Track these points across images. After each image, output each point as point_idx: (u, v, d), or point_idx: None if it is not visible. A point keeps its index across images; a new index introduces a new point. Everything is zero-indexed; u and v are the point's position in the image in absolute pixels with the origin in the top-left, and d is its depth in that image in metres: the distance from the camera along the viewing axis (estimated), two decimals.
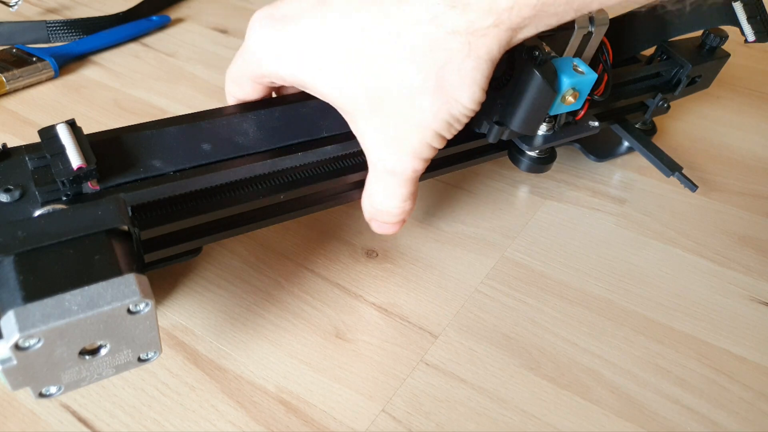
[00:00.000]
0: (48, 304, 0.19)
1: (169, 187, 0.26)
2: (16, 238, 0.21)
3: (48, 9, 0.60)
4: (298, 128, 0.30)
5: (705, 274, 0.36)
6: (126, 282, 0.20)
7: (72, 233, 0.21)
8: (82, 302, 0.20)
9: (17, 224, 0.21)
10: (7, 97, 0.46)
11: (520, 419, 0.28)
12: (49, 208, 0.23)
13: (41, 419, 0.27)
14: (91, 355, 0.21)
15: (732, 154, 0.46)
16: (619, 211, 0.40)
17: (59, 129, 0.25)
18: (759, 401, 0.30)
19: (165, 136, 0.28)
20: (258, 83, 0.29)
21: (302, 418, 0.27)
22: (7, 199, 0.24)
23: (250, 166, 0.28)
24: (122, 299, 0.20)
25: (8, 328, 0.19)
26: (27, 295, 0.19)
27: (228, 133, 0.29)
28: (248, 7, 0.62)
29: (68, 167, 0.24)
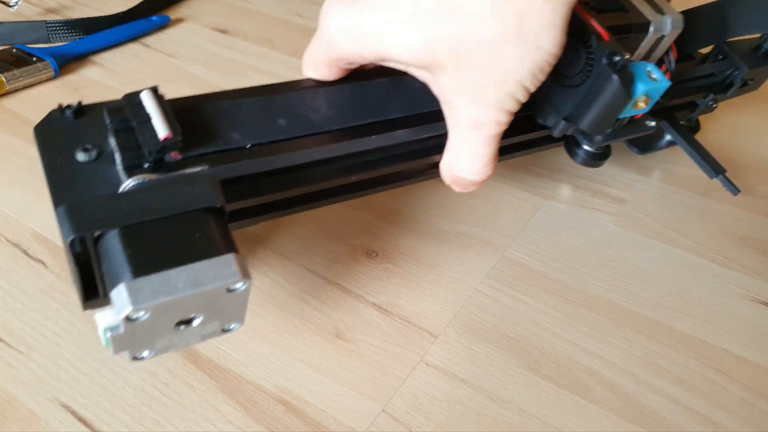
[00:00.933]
0: (155, 280, 0.20)
1: (250, 164, 0.26)
2: (121, 211, 0.21)
3: (48, 9, 0.60)
4: (367, 108, 0.30)
5: (705, 274, 0.36)
6: (227, 262, 0.21)
7: (172, 210, 0.22)
8: (187, 280, 0.20)
9: (121, 198, 0.22)
10: (7, 97, 0.46)
11: (520, 419, 0.28)
12: (140, 179, 0.23)
13: (41, 419, 0.27)
14: (185, 326, 0.22)
15: (732, 154, 0.46)
16: (619, 211, 0.40)
17: (144, 96, 0.25)
18: (759, 401, 0.30)
19: (242, 107, 0.28)
20: (335, 66, 0.29)
21: (302, 418, 0.27)
22: (84, 159, 0.24)
23: (327, 147, 0.28)
24: (224, 279, 0.21)
25: (120, 300, 0.20)
26: (136, 269, 0.20)
27: (302, 109, 0.29)
28: (248, 7, 0.62)
29: (155, 137, 0.24)
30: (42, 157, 0.24)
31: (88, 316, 0.31)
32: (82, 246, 0.21)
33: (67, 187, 0.23)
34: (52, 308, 0.31)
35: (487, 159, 0.29)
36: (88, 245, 0.21)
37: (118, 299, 0.20)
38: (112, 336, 0.20)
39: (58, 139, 0.25)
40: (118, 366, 0.29)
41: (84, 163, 0.24)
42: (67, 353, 0.29)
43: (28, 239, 0.35)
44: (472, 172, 0.29)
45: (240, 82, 0.51)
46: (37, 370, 0.28)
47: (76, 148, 0.24)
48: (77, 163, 0.24)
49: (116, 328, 0.20)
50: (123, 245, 0.20)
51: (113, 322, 0.20)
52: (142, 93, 0.26)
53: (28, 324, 0.30)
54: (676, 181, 0.42)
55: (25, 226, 0.36)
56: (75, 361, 0.29)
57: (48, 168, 0.24)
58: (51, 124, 0.25)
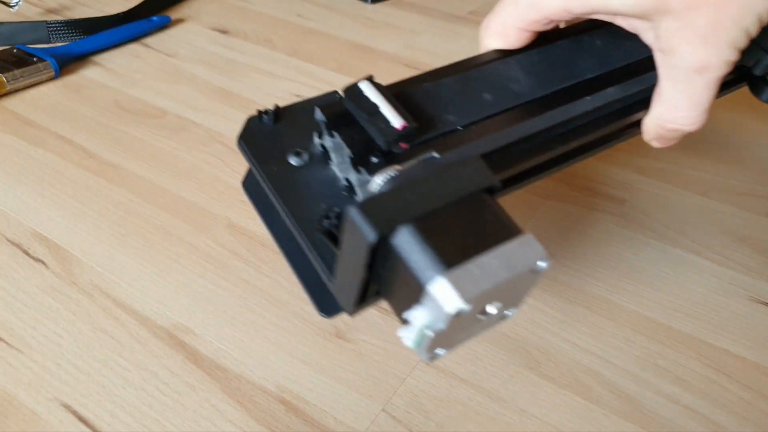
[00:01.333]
0: (471, 269, 0.19)
1: (478, 145, 0.25)
2: (407, 203, 0.20)
3: (48, 9, 0.60)
4: (562, 71, 0.29)
5: (705, 274, 0.36)
6: (529, 241, 0.20)
7: (454, 195, 0.20)
8: (501, 264, 0.19)
9: (400, 190, 0.20)
10: (7, 98, 0.46)
11: (520, 419, 0.28)
12: (392, 172, 0.22)
13: (42, 419, 0.27)
14: (483, 315, 0.20)
15: (732, 154, 0.46)
16: (618, 211, 0.40)
17: (365, 87, 0.24)
18: (759, 401, 0.30)
19: (444, 88, 0.27)
20: (528, 30, 0.28)
21: (302, 418, 0.27)
22: (299, 162, 0.24)
23: (547, 114, 0.27)
24: (534, 258, 0.20)
25: (443, 294, 0.18)
26: (448, 260, 0.19)
27: (501, 81, 0.28)
28: (248, 7, 0.62)
29: (390, 127, 0.23)
30: (257, 167, 0.24)
31: (88, 316, 0.31)
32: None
33: (296, 194, 0.23)
34: (53, 308, 0.31)
35: (707, 105, 0.27)
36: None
37: (441, 293, 0.18)
38: (433, 335, 0.19)
39: (265, 147, 0.24)
40: (119, 366, 0.29)
41: (300, 166, 0.24)
42: (68, 353, 0.29)
43: (28, 239, 0.35)
44: (689, 121, 0.28)
45: (240, 82, 0.51)
46: (38, 369, 0.28)
47: (287, 153, 0.24)
48: (293, 168, 0.24)
49: (436, 325, 0.19)
50: (422, 237, 0.19)
51: (434, 319, 0.19)
52: (361, 83, 0.24)
53: (29, 324, 0.30)
54: (676, 181, 0.42)
55: (25, 226, 0.36)
56: (75, 360, 0.29)
57: (267, 177, 0.23)
58: (253, 131, 0.25)
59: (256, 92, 0.50)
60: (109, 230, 0.36)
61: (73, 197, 0.38)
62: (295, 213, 0.23)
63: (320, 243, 0.23)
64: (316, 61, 0.54)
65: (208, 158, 0.42)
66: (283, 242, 0.27)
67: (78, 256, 0.34)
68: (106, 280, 0.33)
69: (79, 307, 0.31)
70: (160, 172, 0.40)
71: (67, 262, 0.34)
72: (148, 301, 0.32)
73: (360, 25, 0.61)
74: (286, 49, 0.56)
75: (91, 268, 0.33)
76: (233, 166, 0.42)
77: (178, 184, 0.39)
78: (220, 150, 0.43)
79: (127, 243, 0.35)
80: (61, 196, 0.38)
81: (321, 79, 0.52)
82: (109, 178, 0.39)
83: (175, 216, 0.37)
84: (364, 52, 0.57)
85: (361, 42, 0.59)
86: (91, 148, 0.42)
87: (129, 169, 0.40)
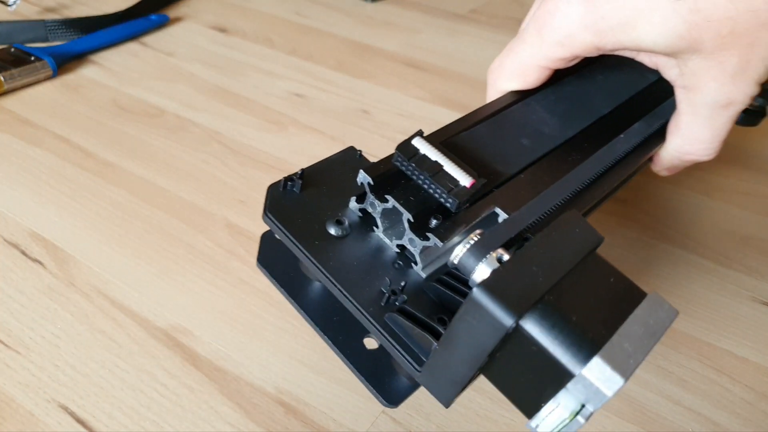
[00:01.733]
0: (620, 343, 0.17)
1: (539, 201, 0.23)
2: (534, 277, 0.18)
3: (46, 8, 0.59)
4: (578, 108, 0.29)
5: (706, 275, 0.36)
6: (658, 300, 0.19)
7: (573, 260, 0.19)
8: (644, 332, 0.18)
9: (521, 261, 0.18)
10: (5, 97, 0.46)
11: (521, 420, 0.28)
12: (475, 237, 0.19)
13: (40, 420, 0.26)
14: None
15: (733, 154, 0.46)
16: (620, 211, 0.40)
17: (419, 144, 0.22)
18: (761, 402, 0.30)
19: (481, 136, 0.25)
20: (551, 68, 0.28)
21: (302, 420, 0.27)
22: (340, 232, 0.22)
23: (595, 158, 0.26)
24: (668, 319, 0.19)
25: (600, 377, 0.17)
26: (593, 338, 0.17)
27: (530, 124, 0.27)
28: (247, 5, 0.62)
29: (460, 186, 0.21)
30: (295, 242, 0.22)
31: (85, 317, 0.31)
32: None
33: (348, 270, 0.21)
34: (51, 309, 0.31)
35: (724, 136, 0.28)
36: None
37: (598, 376, 0.17)
38: (586, 421, 0.18)
39: (297, 217, 0.22)
40: (117, 367, 0.29)
41: (341, 237, 0.22)
42: (66, 354, 0.29)
43: (26, 239, 0.35)
44: (709, 152, 0.29)
45: (239, 80, 0.51)
46: (35, 371, 0.28)
47: (325, 223, 0.22)
48: (335, 239, 0.22)
49: (589, 410, 0.17)
50: (559, 315, 0.18)
51: (590, 403, 0.17)
52: (416, 141, 0.22)
53: (26, 325, 0.30)
54: (678, 181, 0.42)
55: (23, 227, 0.35)
56: (73, 361, 0.29)
57: (312, 254, 0.21)
58: (279, 201, 0.23)
59: (255, 91, 0.49)
60: (107, 230, 0.36)
61: (70, 197, 0.38)
62: (354, 293, 0.21)
63: (392, 325, 0.21)
64: (315, 60, 0.54)
65: (207, 158, 0.42)
66: (323, 323, 0.25)
67: (76, 256, 0.34)
68: (104, 281, 0.33)
69: (77, 308, 0.31)
70: (158, 172, 0.40)
71: (65, 262, 0.33)
72: (146, 301, 0.32)
73: (360, 24, 0.61)
74: (286, 48, 0.56)
75: (89, 269, 0.33)
76: (232, 166, 0.41)
77: (177, 184, 0.39)
78: (218, 149, 0.43)
79: (125, 243, 0.35)
80: (58, 196, 0.38)
81: (321, 78, 0.52)
82: (106, 178, 0.39)
83: (174, 216, 0.37)
84: (364, 51, 0.57)
85: (361, 40, 0.58)
86: (89, 148, 0.42)
87: (127, 168, 0.40)
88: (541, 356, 0.18)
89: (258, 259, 0.26)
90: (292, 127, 0.46)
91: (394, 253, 0.23)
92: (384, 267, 0.22)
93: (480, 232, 0.20)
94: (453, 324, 0.18)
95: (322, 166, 0.25)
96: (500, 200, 0.23)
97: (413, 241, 0.22)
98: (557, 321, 0.18)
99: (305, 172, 0.24)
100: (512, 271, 0.18)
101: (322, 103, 0.48)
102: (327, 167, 0.25)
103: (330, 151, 0.35)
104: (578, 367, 0.17)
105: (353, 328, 0.25)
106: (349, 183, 0.24)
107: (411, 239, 0.22)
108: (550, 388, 0.18)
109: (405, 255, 0.23)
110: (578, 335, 0.17)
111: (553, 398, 0.18)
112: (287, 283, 0.26)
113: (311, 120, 0.46)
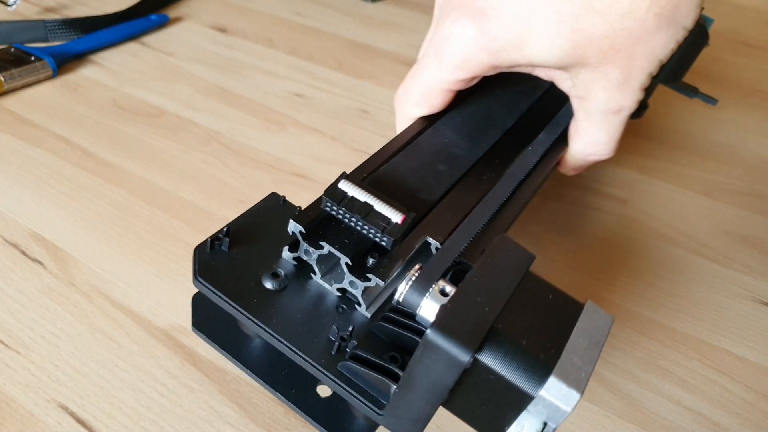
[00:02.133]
0: (570, 359, 0.18)
1: (466, 227, 0.23)
2: (479, 308, 0.18)
3: (46, 8, 0.59)
4: (484, 126, 0.30)
5: (706, 275, 0.36)
6: (594, 309, 0.20)
7: (512, 284, 0.19)
8: (588, 343, 0.19)
9: (465, 294, 0.19)
10: (5, 97, 0.46)
11: None
12: (415, 273, 0.20)
13: (40, 420, 0.26)
14: None
15: (734, 154, 0.46)
16: (620, 211, 0.40)
17: (345, 186, 0.22)
18: (761, 402, 0.30)
19: (399, 168, 0.26)
20: (451, 89, 0.30)
21: (301, 420, 0.27)
22: (276, 286, 0.22)
23: (509, 173, 0.27)
24: (606, 326, 0.19)
25: (558, 396, 0.18)
26: (546, 359, 0.18)
27: (443, 149, 0.28)
28: (247, 5, 0.62)
29: (393, 224, 0.21)
30: (231, 303, 0.21)
31: (85, 317, 0.31)
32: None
33: (291, 323, 0.21)
34: (50, 309, 0.31)
35: (619, 137, 0.31)
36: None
37: (556, 395, 0.18)
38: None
39: (230, 277, 0.22)
40: (117, 367, 0.29)
41: (279, 290, 0.22)
42: (66, 354, 0.29)
43: (26, 239, 0.35)
44: (608, 152, 0.32)
45: (239, 81, 0.51)
46: (35, 371, 0.28)
47: (260, 278, 0.22)
48: (273, 293, 0.22)
49: (551, 427, 0.18)
50: (510, 342, 0.18)
51: (551, 421, 0.18)
52: (342, 183, 0.22)
53: (26, 324, 0.30)
54: (678, 181, 0.42)
55: (23, 226, 0.35)
56: (73, 361, 0.29)
57: (252, 313, 0.21)
58: (208, 263, 0.22)
59: (255, 91, 0.49)
60: (107, 230, 0.36)
61: (70, 197, 0.38)
62: (302, 348, 0.21)
63: (346, 373, 0.20)
64: (315, 60, 0.54)
65: (207, 158, 0.42)
66: (271, 379, 0.25)
67: (76, 256, 0.34)
68: (104, 281, 0.33)
69: (77, 308, 0.31)
70: (158, 172, 0.40)
71: (65, 262, 0.33)
72: (146, 301, 0.32)
73: (360, 24, 0.61)
74: (286, 48, 0.56)
75: (89, 269, 0.33)
76: (232, 166, 0.41)
77: (177, 184, 0.39)
78: (218, 149, 0.43)
79: (125, 243, 0.35)
80: (58, 196, 0.38)
81: (320, 78, 0.52)
82: (106, 178, 0.39)
83: (174, 216, 0.37)
84: (364, 51, 0.57)
85: (361, 40, 0.58)
86: (89, 148, 0.42)
87: (127, 168, 0.40)
88: (499, 384, 0.18)
89: (193, 324, 0.25)
90: (292, 127, 0.46)
91: (336, 297, 0.23)
92: (327, 313, 0.22)
93: (419, 267, 0.20)
94: (411, 367, 0.19)
95: (247, 219, 0.24)
96: (429, 229, 0.23)
97: (354, 284, 0.22)
98: (509, 348, 0.18)
99: (231, 228, 0.23)
100: (459, 306, 0.18)
101: (322, 103, 0.48)
102: (252, 218, 0.24)
103: (330, 150, 0.36)
104: (536, 389, 0.18)
105: (303, 379, 0.25)
106: (278, 232, 0.24)
107: (352, 282, 0.22)
108: (511, 412, 0.19)
109: (347, 297, 0.23)
110: (531, 358, 0.18)
111: (515, 421, 0.18)
112: (227, 344, 0.25)
113: (311, 120, 0.46)
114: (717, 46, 0.62)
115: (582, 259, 0.36)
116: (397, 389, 0.20)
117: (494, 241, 0.21)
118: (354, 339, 0.21)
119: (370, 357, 0.20)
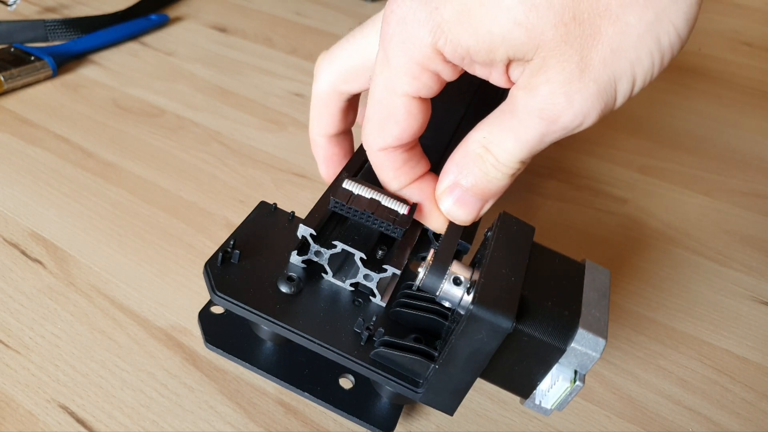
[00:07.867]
0: (589, 311, 0.20)
1: None
2: (507, 279, 0.20)
3: (46, 8, 0.59)
4: (442, 118, 0.29)
5: (707, 274, 0.36)
6: (594, 266, 0.22)
7: (525, 255, 0.21)
8: (599, 295, 0.21)
9: (490, 270, 0.20)
10: (5, 97, 0.46)
11: (521, 420, 0.28)
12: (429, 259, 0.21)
13: (39, 420, 0.26)
14: None
15: (734, 154, 0.46)
16: (620, 211, 0.40)
17: (350, 185, 0.23)
18: (761, 402, 0.30)
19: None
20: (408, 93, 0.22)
21: (301, 420, 0.27)
22: (292, 290, 0.23)
23: None
24: (606, 278, 0.22)
25: (588, 344, 0.20)
26: (572, 314, 0.20)
27: None
28: (247, 5, 0.62)
29: (401, 215, 0.22)
30: (254, 311, 0.22)
31: (85, 317, 0.31)
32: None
33: (316, 324, 0.22)
34: (50, 309, 0.31)
35: (532, 153, 0.22)
36: None
37: (586, 344, 0.20)
38: (583, 384, 0.21)
39: (246, 287, 0.23)
40: (117, 367, 0.29)
41: (295, 293, 0.23)
42: (66, 354, 0.29)
43: (26, 239, 0.35)
44: (509, 166, 0.22)
45: (239, 80, 0.51)
46: (35, 370, 0.28)
47: (276, 284, 0.23)
48: (290, 297, 0.23)
49: (582, 373, 0.20)
50: (540, 306, 0.20)
51: (582, 369, 0.20)
52: (347, 183, 0.23)
53: (26, 324, 0.30)
54: (679, 181, 0.42)
55: (23, 226, 0.35)
56: (73, 361, 0.29)
57: (278, 319, 0.22)
58: (221, 277, 0.23)
59: (255, 91, 0.49)
60: (107, 230, 0.36)
61: (70, 197, 0.38)
62: (334, 343, 0.22)
63: (380, 361, 0.22)
64: (315, 60, 0.54)
65: (207, 157, 0.42)
66: (295, 380, 0.25)
67: (75, 256, 0.34)
68: (104, 281, 0.33)
69: (77, 307, 0.31)
70: (158, 172, 0.40)
71: (65, 262, 0.33)
72: (146, 301, 0.32)
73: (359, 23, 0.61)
74: (286, 48, 0.56)
75: (89, 269, 0.33)
76: (232, 166, 0.41)
77: (176, 184, 0.39)
78: (218, 149, 0.43)
79: (124, 243, 0.35)
80: (58, 196, 0.38)
81: None
82: (106, 178, 0.39)
83: (173, 216, 0.37)
84: None
85: None
86: (89, 148, 0.42)
87: (127, 168, 0.40)
88: (532, 344, 0.20)
89: (205, 341, 0.26)
90: (292, 127, 0.46)
91: (349, 292, 0.24)
92: (346, 308, 0.23)
93: (432, 253, 0.21)
94: (453, 341, 0.20)
95: (244, 229, 0.25)
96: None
97: (369, 276, 0.23)
98: (539, 310, 0.20)
99: (237, 240, 0.24)
100: (491, 279, 0.20)
101: None
102: (248, 229, 0.25)
103: None
104: (567, 343, 0.20)
105: (325, 375, 0.26)
106: (279, 239, 0.25)
107: (366, 275, 0.23)
108: (542, 369, 0.21)
109: (360, 291, 0.24)
110: (558, 317, 0.20)
111: (548, 375, 0.20)
112: (245, 354, 0.26)
113: None
114: (717, 46, 0.62)
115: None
116: (436, 366, 0.21)
117: (499, 217, 0.22)
118: (381, 328, 0.22)
119: (401, 341, 0.22)
